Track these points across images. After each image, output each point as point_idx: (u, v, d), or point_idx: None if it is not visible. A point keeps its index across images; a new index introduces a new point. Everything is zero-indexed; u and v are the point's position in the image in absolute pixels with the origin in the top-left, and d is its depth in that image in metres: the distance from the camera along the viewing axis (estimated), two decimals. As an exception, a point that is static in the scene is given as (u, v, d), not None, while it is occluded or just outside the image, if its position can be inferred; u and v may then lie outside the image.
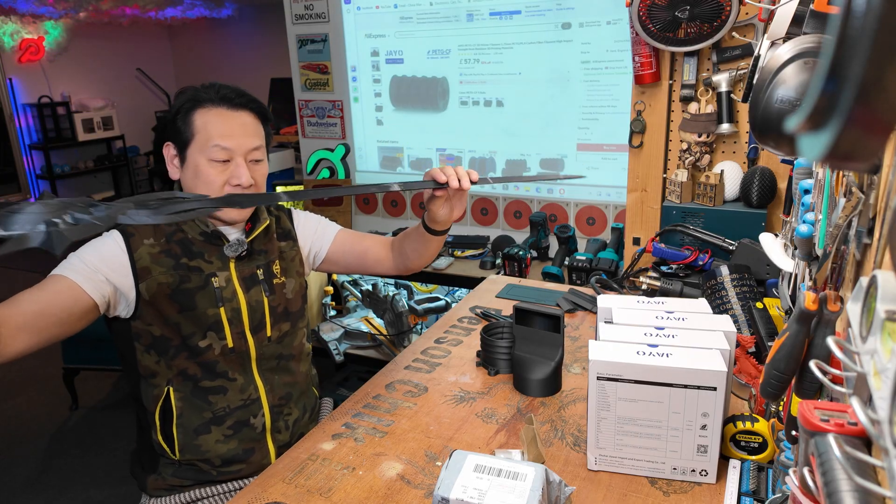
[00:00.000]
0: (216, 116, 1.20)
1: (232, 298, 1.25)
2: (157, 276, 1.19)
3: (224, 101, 1.21)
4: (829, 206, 0.81)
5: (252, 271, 1.28)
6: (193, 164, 1.20)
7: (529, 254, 2.45)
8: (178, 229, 1.23)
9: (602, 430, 1.01)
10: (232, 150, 1.20)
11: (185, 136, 1.20)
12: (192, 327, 1.21)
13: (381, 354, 2.63)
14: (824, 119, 0.28)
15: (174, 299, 1.20)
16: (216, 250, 1.25)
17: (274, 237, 1.35)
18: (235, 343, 1.25)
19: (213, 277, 1.23)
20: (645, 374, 0.96)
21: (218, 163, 1.19)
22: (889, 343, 0.45)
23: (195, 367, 1.23)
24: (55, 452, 2.68)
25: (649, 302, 1.19)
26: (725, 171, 1.86)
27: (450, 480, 0.82)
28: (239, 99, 1.22)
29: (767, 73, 0.85)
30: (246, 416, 1.27)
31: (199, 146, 1.19)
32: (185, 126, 1.20)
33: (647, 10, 1.76)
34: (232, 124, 1.20)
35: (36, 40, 6.15)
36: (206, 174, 1.19)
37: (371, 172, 3.10)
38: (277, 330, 1.31)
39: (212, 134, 1.19)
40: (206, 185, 1.20)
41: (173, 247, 1.22)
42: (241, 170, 1.20)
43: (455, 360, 1.45)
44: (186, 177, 1.23)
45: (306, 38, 3.02)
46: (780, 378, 0.72)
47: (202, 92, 1.21)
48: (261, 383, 1.29)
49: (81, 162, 6.55)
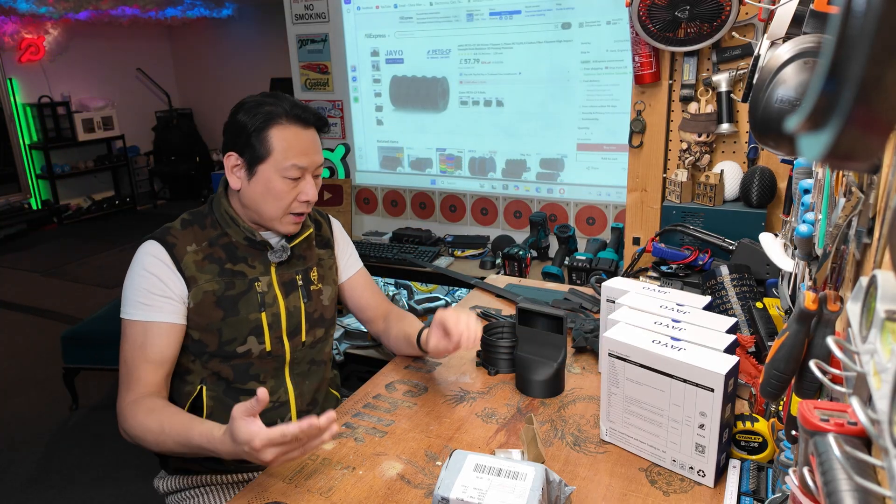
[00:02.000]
0: (292, 135, 1.21)
1: (273, 303, 1.27)
2: (203, 284, 1.21)
3: (297, 119, 1.22)
4: (829, 205, 0.81)
5: (291, 277, 1.30)
6: (265, 179, 1.21)
7: (529, 254, 2.45)
8: (222, 233, 1.25)
9: (612, 404, 1.07)
10: (306, 168, 1.23)
11: (260, 153, 1.21)
12: (233, 332, 1.23)
13: (381, 354, 2.63)
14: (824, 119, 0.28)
15: (219, 306, 1.22)
16: (259, 255, 1.27)
17: (313, 244, 1.37)
18: (273, 347, 1.27)
19: (256, 282, 1.25)
20: (649, 360, 0.99)
21: (291, 180, 1.22)
22: (889, 343, 0.45)
23: (229, 369, 1.26)
24: (55, 452, 2.68)
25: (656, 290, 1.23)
26: (725, 170, 1.86)
27: (450, 480, 0.82)
28: (311, 118, 1.24)
29: (767, 73, 0.85)
30: (274, 418, 1.29)
31: (274, 163, 1.21)
32: (259, 143, 1.20)
33: (647, 10, 1.76)
34: (306, 143, 1.23)
35: (36, 40, 6.15)
36: (278, 190, 1.22)
37: (371, 172, 3.09)
38: (312, 335, 1.34)
39: (289, 153, 1.20)
40: (276, 200, 1.22)
41: (217, 251, 1.24)
42: (309, 186, 1.24)
43: (455, 359, 1.45)
44: (254, 190, 1.23)
45: (306, 38, 3.02)
46: (780, 378, 0.72)
47: (273, 107, 1.21)
48: (291, 387, 1.32)
49: (81, 162, 6.55)
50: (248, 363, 1.26)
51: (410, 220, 3.03)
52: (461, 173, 2.89)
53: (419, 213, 3.00)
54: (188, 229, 1.25)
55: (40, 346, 3.68)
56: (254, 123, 1.20)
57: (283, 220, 1.25)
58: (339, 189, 3.12)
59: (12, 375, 3.35)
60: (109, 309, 3.07)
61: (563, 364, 1.28)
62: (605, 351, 1.06)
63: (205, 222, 1.26)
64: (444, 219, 2.95)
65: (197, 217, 1.27)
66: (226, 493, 1.31)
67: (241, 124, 1.21)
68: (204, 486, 1.32)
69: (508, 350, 1.37)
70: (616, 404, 1.07)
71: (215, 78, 7.30)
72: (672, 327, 1.06)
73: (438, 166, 2.93)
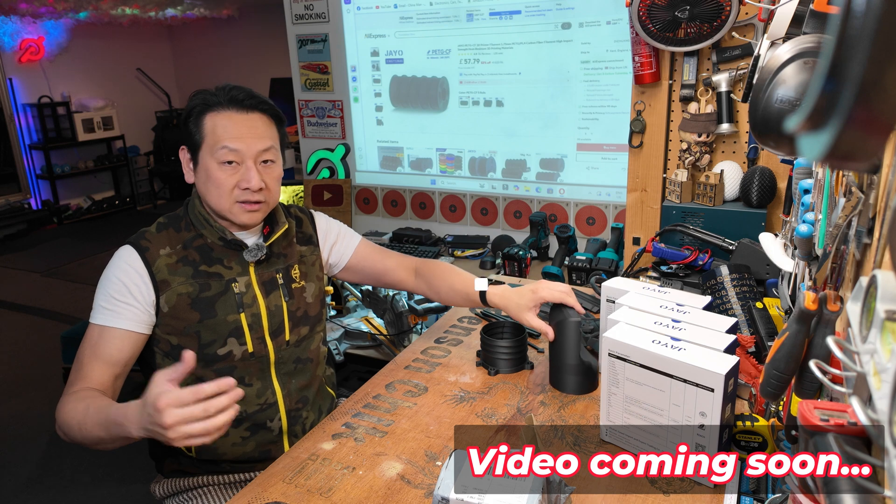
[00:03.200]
0: (225, 119, 1.19)
1: (252, 304, 1.25)
2: (177, 287, 1.19)
3: (234, 103, 1.20)
4: (829, 205, 0.81)
5: (271, 276, 1.29)
6: (205, 167, 1.20)
7: (529, 254, 2.45)
8: (197, 235, 1.24)
9: (612, 404, 1.07)
10: (241, 153, 1.19)
11: (196, 140, 1.20)
12: (211, 335, 1.22)
13: (381, 354, 2.63)
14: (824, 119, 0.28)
15: (195, 308, 1.20)
16: (235, 255, 1.25)
17: (294, 241, 1.35)
18: (255, 348, 1.26)
19: (233, 283, 1.24)
20: (649, 360, 0.99)
21: (227, 165, 1.19)
22: (889, 343, 0.45)
23: (212, 374, 1.23)
24: (55, 452, 2.67)
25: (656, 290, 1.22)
26: (725, 170, 1.86)
27: (450, 480, 0.82)
28: (249, 101, 1.21)
29: (767, 73, 0.85)
30: (262, 420, 1.28)
31: (208, 149, 1.19)
32: (195, 129, 1.20)
33: (647, 10, 1.76)
34: (241, 127, 1.20)
35: (36, 40, 6.15)
36: (216, 177, 1.19)
37: (371, 172, 3.10)
38: (296, 334, 1.32)
39: (220, 136, 1.18)
40: (216, 188, 1.20)
41: (191, 253, 1.23)
42: (250, 173, 1.19)
43: (455, 360, 1.45)
44: (199, 180, 1.23)
45: (306, 38, 3.02)
46: (780, 378, 0.72)
47: (213, 95, 1.21)
48: (278, 388, 1.30)
49: (81, 162, 6.55)
50: (231, 366, 1.24)
51: (410, 220, 3.03)
52: (461, 173, 2.89)
53: (419, 213, 3.00)
54: (163, 233, 1.24)
55: (40, 346, 3.68)
56: (191, 111, 1.21)
57: (233, 209, 1.21)
58: (339, 189, 3.12)
59: (12, 375, 3.35)
60: (109, 309, 3.07)
61: (597, 362, 1.28)
62: (605, 351, 1.06)
63: (179, 225, 1.25)
64: (444, 219, 2.95)
65: (172, 220, 1.26)
66: (225, 493, 1.30)
67: (185, 113, 1.22)
68: (202, 488, 1.31)
69: (508, 350, 1.37)
70: (616, 404, 1.07)
71: (215, 78, 7.28)
72: (672, 327, 1.06)
73: (438, 166, 2.93)
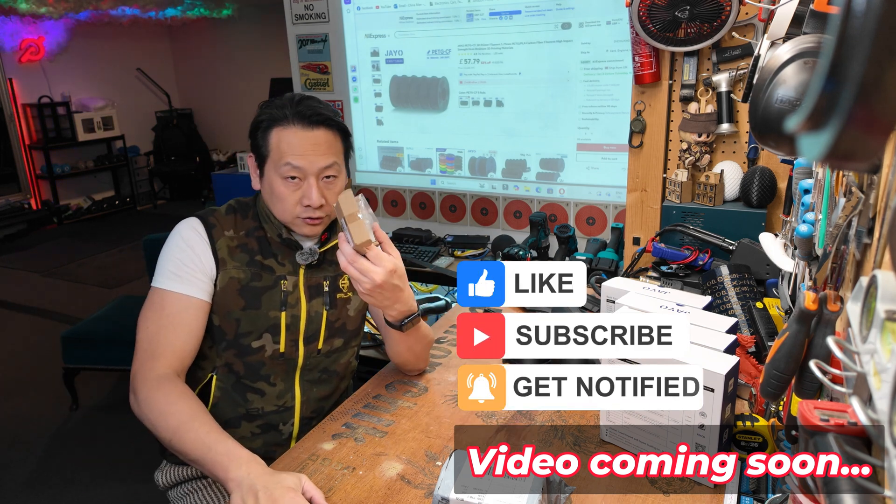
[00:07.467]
0: (290, 135, 1.20)
1: (295, 305, 1.27)
2: (231, 269, 1.22)
3: (299, 118, 1.21)
4: (829, 205, 0.81)
5: (318, 281, 1.30)
6: (269, 179, 1.23)
7: (529, 254, 2.45)
8: (259, 226, 1.27)
9: None
10: (303, 170, 1.21)
11: (263, 152, 1.23)
12: (250, 326, 1.24)
13: (381, 354, 2.63)
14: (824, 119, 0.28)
15: (242, 295, 1.23)
16: (290, 254, 1.27)
17: None
18: (287, 349, 1.27)
19: (282, 280, 1.26)
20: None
21: (290, 181, 1.21)
22: (889, 343, 0.45)
23: (241, 364, 1.26)
24: (55, 452, 2.67)
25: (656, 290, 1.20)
26: (725, 170, 1.86)
27: (450, 480, 0.82)
28: (315, 117, 1.22)
29: (767, 73, 0.85)
30: (276, 422, 1.29)
31: (273, 163, 1.22)
32: (262, 142, 1.23)
33: (647, 10, 1.76)
34: (305, 144, 1.21)
35: (36, 40, 6.15)
36: (279, 191, 1.22)
37: (371, 172, 3.09)
38: (329, 344, 1.32)
39: (284, 152, 1.20)
40: (280, 202, 1.23)
41: (251, 242, 1.26)
42: (311, 190, 1.21)
43: (455, 360, 1.45)
44: (264, 190, 1.26)
45: (306, 38, 3.02)
46: (780, 378, 0.72)
47: (280, 109, 1.22)
48: (299, 393, 1.30)
49: (81, 162, 6.55)
50: (261, 362, 1.26)
51: (410, 221, 3.03)
52: (461, 173, 2.89)
53: (419, 214, 3.00)
54: (230, 216, 1.27)
55: (40, 346, 3.68)
56: (260, 123, 1.23)
57: (295, 222, 1.25)
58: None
59: (12, 375, 3.35)
60: (109, 309, 3.07)
61: None
62: None
63: (247, 213, 1.29)
64: (444, 219, 2.95)
65: (241, 207, 1.30)
66: (225, 488, 1.31)
67: (254, 124, 1.25)
68: (204, 479, 1.31)
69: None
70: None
71: (215, 78, 7.30)
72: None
73: (438, 166, 2.93)
